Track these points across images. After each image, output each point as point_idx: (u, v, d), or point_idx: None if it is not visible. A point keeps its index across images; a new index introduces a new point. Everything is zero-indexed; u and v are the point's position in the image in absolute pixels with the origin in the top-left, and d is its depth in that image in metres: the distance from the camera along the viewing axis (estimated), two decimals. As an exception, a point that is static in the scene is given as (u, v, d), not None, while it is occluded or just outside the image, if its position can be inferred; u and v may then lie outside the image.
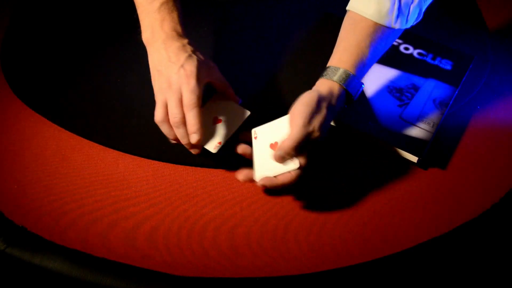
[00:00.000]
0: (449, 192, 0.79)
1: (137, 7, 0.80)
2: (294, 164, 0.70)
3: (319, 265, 0.71)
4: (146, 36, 0.78)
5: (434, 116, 0.85)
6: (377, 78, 0.91)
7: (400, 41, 0.96)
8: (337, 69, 0.74)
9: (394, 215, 0.76)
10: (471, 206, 0.77)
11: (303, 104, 0.71)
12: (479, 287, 0.71)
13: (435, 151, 0.83)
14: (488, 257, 0.73)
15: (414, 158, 0.80)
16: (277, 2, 1.06)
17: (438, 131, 0.84)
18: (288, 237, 0.73)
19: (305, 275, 0.69)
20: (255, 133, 0.76)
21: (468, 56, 0.94)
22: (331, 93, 0.73)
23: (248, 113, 0.79)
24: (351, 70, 0.74)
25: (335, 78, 0.74)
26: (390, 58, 0.94)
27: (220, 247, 0.72)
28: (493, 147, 0.85)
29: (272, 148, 0.73)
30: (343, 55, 0.75)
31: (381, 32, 0.76)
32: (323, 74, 0.75)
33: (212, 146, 0.75)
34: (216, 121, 0.77)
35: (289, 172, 0.71)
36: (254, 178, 0.72)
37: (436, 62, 0.93)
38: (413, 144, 0.81)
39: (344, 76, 0.74)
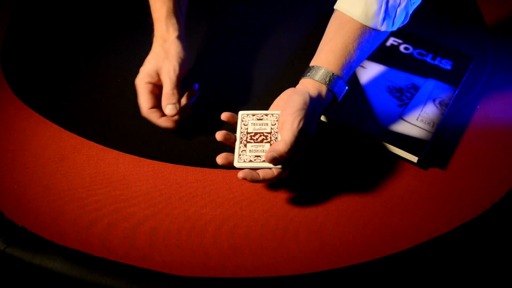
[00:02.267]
0: (449, 192, 0.79)
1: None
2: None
3: (319, 265, 0.71)
4: None
5: (434, 116, 0.85)
6: (377, 78, 0.91)
7: (400, 41, 0.96)
8: (325, 70, 0.74)
9: (394, 215, 0.76)
10: (471, 206, 0.77)
11: (297, 107, 0.69)
12: (479, 287, 0.71)
13: (435, 151, 0.83)
14: (488, 257, 0.73)
15: (414, 158, 0.80)
16: (277, 2, 1.06)
17: (438, 131, 0.84)
18: (288, 237, 0.73)
19: (305, 275, 0.69)
20: (243, 118, 0.76)
21: (468, 56, 0.95)
22: (319, 96, 0.74)
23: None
24: (338, 73, 0.75)
25: (323, 80, 0.74)
26: (390, 58, 0.94)
27: (220, 247, 0.72)
28: (493, 147, 0.85)
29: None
30: (329, 56, 0.75)
31: (368, 35, 0.77)
32: (309, 74, 0.75)
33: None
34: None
35: (271, 169, 0.71)
36: (234, 164, 0.72)
37: (436, 62, 0.93)
38: (413, 144, 0.81)
39: (331, 78, 0.74)
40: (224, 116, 0.75)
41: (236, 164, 0.72)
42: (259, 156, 0.72)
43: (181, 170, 0.80)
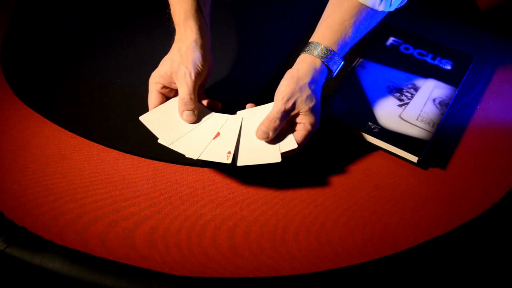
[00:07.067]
0: (449, 192, 0.79)
1: None
2: (292, 144, 0.74)
3: (319, 265, 0.71)
4: None
5: (434, 116, 0.85)
6: (377, 78, 0.91)
7: (400, 41, 0.96)
8: (319, 44, 0.77)
9: (394, 215, 0.76)
10: (471, 206, 0.77)
11: (283, 85, 0.75)
12: (479, 287, 0.71)
13: (435, 151, 0.83)
14: (488, 257, 0.73)
15: (414, 158, 0.80)
16: (279, 2, 1.06)
17: (438, 131, 0.84)
18: (288, 237, 0.73)
19: (305, 275, 0.69)
20: (242, 116, 0.78)
21: (468, 56, 0.95)
22: (313, 67, 0.76)
23: (240, 117, 0.78)
24: (333, 47, 0.77)
25: (316, 53, 0.76)
26: (390, 58, 0.94)
27: (220, 247, 0.72)
28: (493, 147, 0.85)
29: None
30: (326, 32, 0.78)
31: (365, 13, 0.78)
32: (306, 49, 0.78)
33: (224, 157, 0.74)
34: (215, 135, 0.76)
35: (290, 150, 0.74)
36: (237, 163, 0.73)
37: (436, 62, 0.93)
38: (413, 144, 0.81)
39: (325, 52, 0.76)
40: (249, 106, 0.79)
41: (240, 162, 0.74)
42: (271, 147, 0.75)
43: (181, 170, 0.80)
